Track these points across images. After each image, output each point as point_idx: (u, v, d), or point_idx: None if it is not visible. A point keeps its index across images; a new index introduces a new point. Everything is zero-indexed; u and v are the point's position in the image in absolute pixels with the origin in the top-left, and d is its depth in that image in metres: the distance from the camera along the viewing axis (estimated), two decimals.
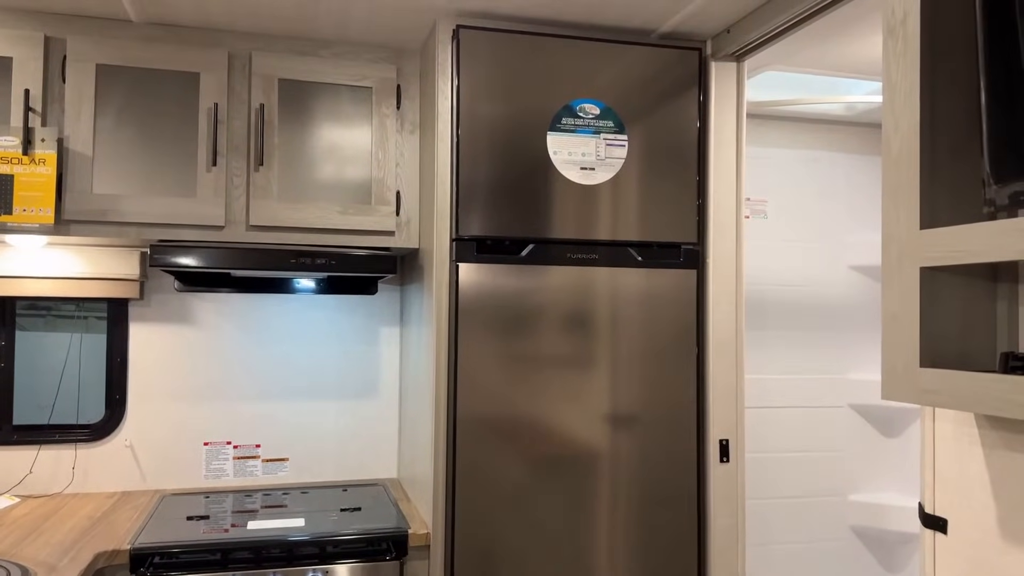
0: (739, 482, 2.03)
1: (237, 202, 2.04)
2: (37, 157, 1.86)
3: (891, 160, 1.17)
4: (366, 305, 2.49)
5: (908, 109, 1.15)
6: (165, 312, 2.33)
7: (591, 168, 1.95)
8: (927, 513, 1.30)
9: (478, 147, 1.90)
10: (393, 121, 2.15)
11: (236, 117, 2.05)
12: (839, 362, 2.88)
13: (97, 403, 2.30)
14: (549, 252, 1.94)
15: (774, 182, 2.83)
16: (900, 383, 1.16)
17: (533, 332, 1.93)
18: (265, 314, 2.41)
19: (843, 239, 2.89)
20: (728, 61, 2.07)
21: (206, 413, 2.35)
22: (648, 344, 1.99)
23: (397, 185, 2.15)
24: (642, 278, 1.99)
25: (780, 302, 2.82)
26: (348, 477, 2.46)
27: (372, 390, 2.49)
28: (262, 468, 2.39)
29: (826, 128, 2.89)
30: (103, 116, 1.96)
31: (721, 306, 2.04)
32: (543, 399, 1.93)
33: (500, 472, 1.90)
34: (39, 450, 2.22)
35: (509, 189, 1.91)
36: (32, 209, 1.85)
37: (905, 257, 1.14)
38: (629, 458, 1.98)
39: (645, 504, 1.98)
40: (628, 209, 1.98)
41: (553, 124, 1.93)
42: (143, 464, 2.30)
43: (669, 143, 2.01)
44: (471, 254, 1.90)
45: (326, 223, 2.09)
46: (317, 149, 2.11)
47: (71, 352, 2.30)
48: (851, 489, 2.88)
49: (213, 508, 2.08)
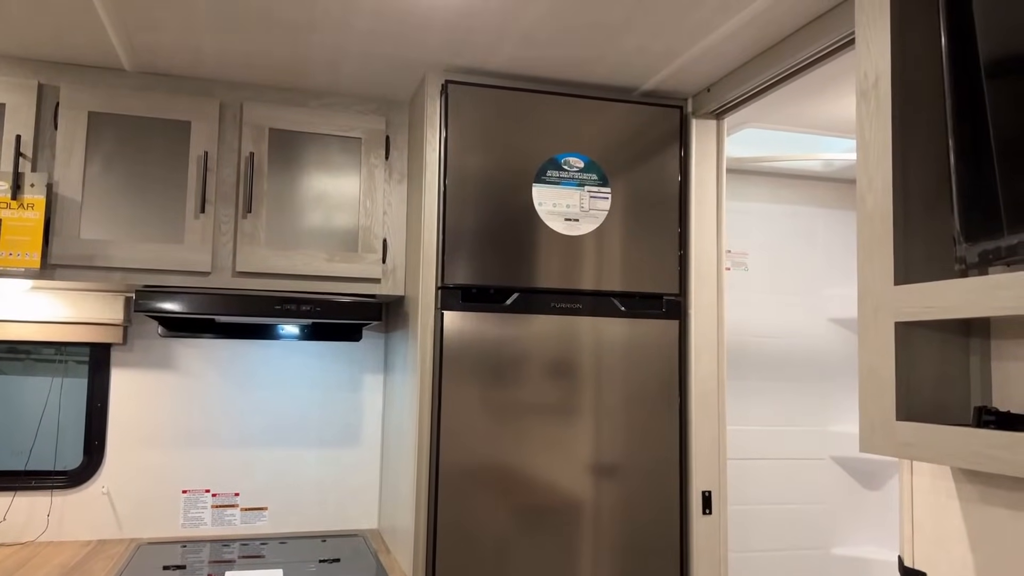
0: (722, 534, 2.03)
1: (224, 248, 2.05)
2: (26, 202, 1.87)
3: (866, 216, 1.21)
4: (350, 352, 2.49)
5: (881, 167, 1.19)
6: (148, 358, 2.32)
7: (575, 219, 1.98)
8: (906, 567, 1.31)
9: (465, 197, 1.93)
10: (381, 171, 2.19)
11: (226, 165, 2.07)
12: (820, 414, 2.90)
13: (75, 449, 2.27)
14: (534, 301, 1.96)
15: (755, 235, 2.88)
16: (877, 436, 1.17)
17: (517, 380, 1.93)
18: (248, 360, 2.40)
19: (822, 292, 2.94)
20: (708, 119, 2.13)
21: (186, 460, 2.32)
22: (631, 393, 2.00)
23: (384, 233, 2.18)
24: (625, 328, 2.01)
25: (761, 354, 2.84)
26: (328, 527, 2.43)
27: (354, 438, 2.47)
28: (240, 517, 2.35)
29: (805, 183, 2.96)
30: (93, 162, 1.98)
31: (703, 357, 2.06)
32: (526, 448, 1.93)
33: (482, 523, 1.89)
34: (14, 497, 2.18)
35: (495, 238, 1.94)
36: (18, 253, 1.85)
37: (880, 311, 1.17)
38: (612, 509, 1.97)
39: (628, 555, 1.97)
40: (611, 260, 2.01)
41: (538, 176, 1.97)
42: (120, 512, 2.26)
43: (651, 196, 2.05)
44: (456, 302, 1.91)
45: (313, 270, 2.10)
46: (306, 197, 2.13)
47: (51, 397, 2.27)
48: (833, 542, 2.87)
49: (190, 558, 2.04)
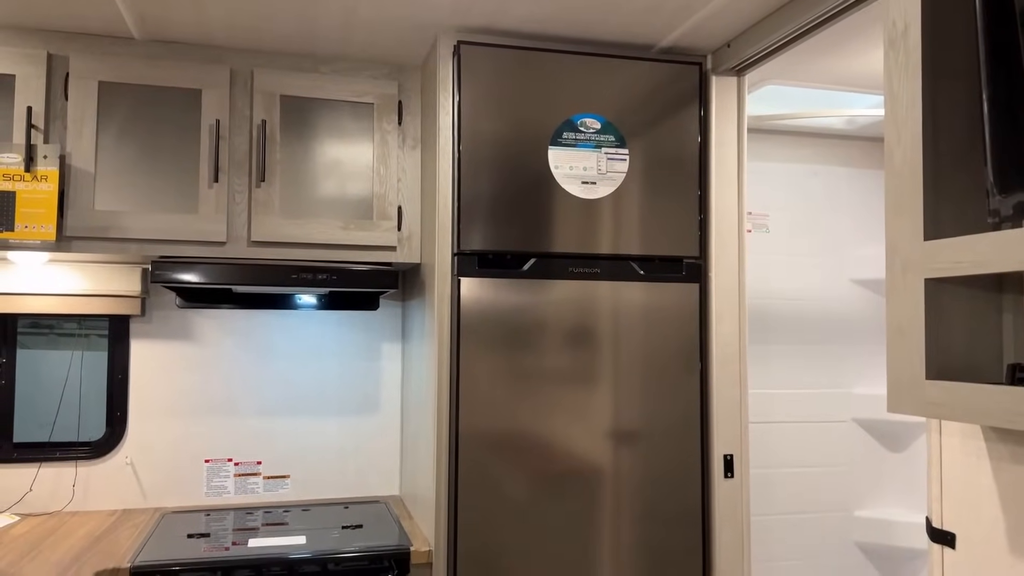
0: (743, 497, 2.02)
1: (239, 218, 2.04)
2: (39, 174, 1.86)
3: (894, 172, 1.17)
4: (368, 321, 2.48)
5: (910, 120, 1.15)
6: (166, 329, 2.33)
7: (592, 182, 1.95)
8: (935, 528, 1.29)
9: (479, 162, 1.90)
10: (395, 137, 2.16)
11: (238, 133, 2.05)
12: (843, 376, 2.87)
13: (98, 420, 2.29)
14: (551, 266, 1.93)
15: (776, 196, 2.83)
16: (906, 396, 1.15)
17: (535, 347, 1.92)
18: (267, 330, 2.40)
19: (845, 253, 2.89)
20: (728, 75, 2.07)
21: (207, 430, 2.34)
22: (651, 358, 1.98)
23: (399, 200, 2.15)
24: (644, 292, 1.98)
25: (783, 316, 2.81)
26: (349, 494, 2.44)
27: (374, 406, 2.47)
28: (263, 485, 2.37)
29: (827, 142, 2.89)
30: (105, 133, 1.97)
31: (724, 320, 2.03)
32: (545, 414, 1.92)
33: (502, 489, 1.88)
34: (39, 468, 2.21)
35: (510, 203, 1.91)
36: (34, 226, 1.85)
37: (909, 269, 1.13)
38: (632, 474, 1.96)
39: (649, 520, 1.96)
40: (630, 223, 1.97)
41: (554, 139, 1.93)
42: (144, 482, 2.28)
43: (670, 157, 2.01)
44: (473, 268, 1.89)
45: (328, 239, 2.08)
46: (319, 165, 2.11)
47: (72, 370, 2.29)
48: (856, 505, 2.86)
49: (214, 526, 2.06)
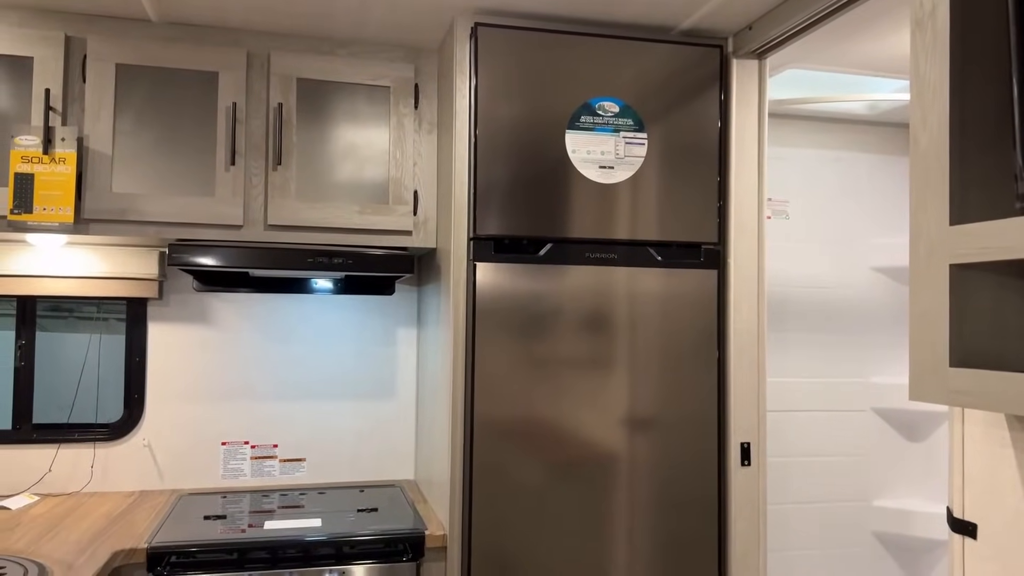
0: (760, 486, 2.00)
1: (255, 201, 2.04)
2: (57, 156, 1.87)
3: (919, 155, 1.15)
4: (383, 306, 2.48)
5: (937, 103, 1.12)
6: (184, 312, 2.34)
7: (610, 167, 1.93)
8: (956, 518, 1.27)
9: (496, 145, 1.89)
10: (411, 120, 2.14)
11: (254, 116, 2.05)
12: (862, 365, 2.84)
13: (116, 403, 2.31)
14: (567, 252, 1.92)
15: (796, 182, 2.80)
16: (929, 383, 1.13)
17: (551, 333, 1.91)
18: (283, 314, 2.41)
19: (866, 241, 2.85)
20: (750, 59, 2.04)
21: (224, 413, 2.35)
22: (668, 345, 1.97)
23: (415, 184, 2.14)
24: (662, 278, 1.96)
25: (801, 304, 2.78)
26: (365, 478, 2.45)
27: (389, 391, 2.48)
28: (279, 468, 2.38)
29: (849, 128, 2.85)
30: (122, 115, 1.97)
31: (742, 307, 2.01)
32: (561, 401, 1.91)
33: (518, 475, 1.88)
34: (58, 449, 2.23)
35: (527, 188, 1.90)
36: (52, 208, 1.85)
37: (934, 254, 1.11)
38: (648, 462, 1.95)
39: (664, 508, 1.95)
40: (648, 208, 1.95)
41: (572, 122, 1.91)
42: (161, 464, 2.30)
43: (689, 141, 1.98)
44: (489, 253, 1.88)
45: (344, 223, 2.08)
46: (335, 148, 2.10)
47: (90, 352, 2.31)
48: (874, 494, 2.83)
49: (230, 508, 2.07)
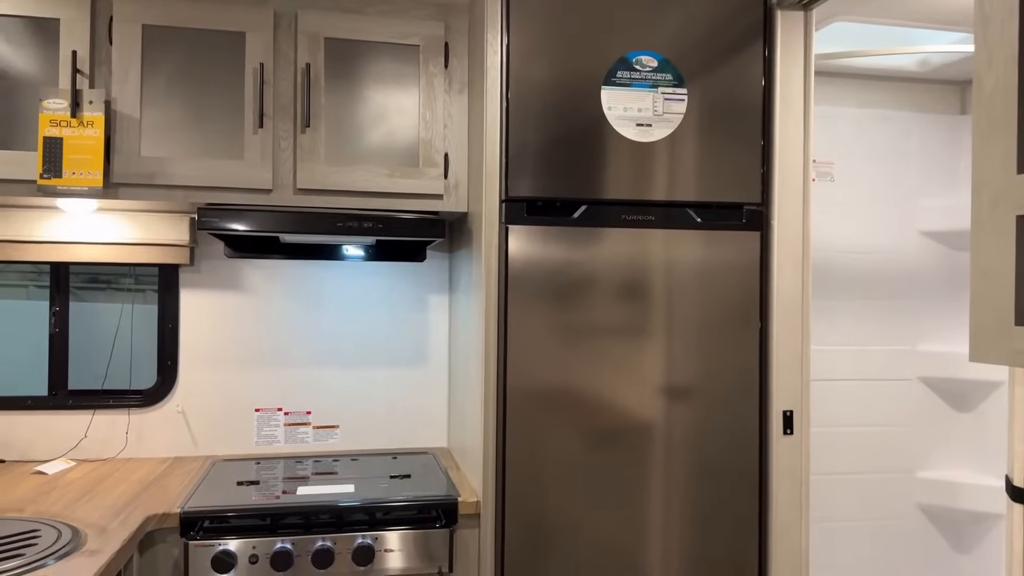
0: (803, 455, 1.94)
1: (284, 165, 2.00)
2: (85, 119, 1.85)
3: (984, 98, 1.06)
4: (415, 272, 2.45)
5: (1004, 40, 1.03)
6: (215, 279, 2.32)
7: (648, 124, 1.85)
8: (1015, 486, 1.20)
9: (529, 104, 1.82)
10: (441, 80, 2.09)
11: (282, 77, 2.01)
12: (908, 333, 2.74)
13: (149, 370, 2.31)
14: (602, 214, 1.86)
15: (841, 143, 2.69)
16: (991, 344, 1.05)
17: (585, 298, 1.85)
18: (315, 281, 2.39)
19: (915, 203, 2.74)
20: (795, 10, 1.94)
21: (257, 379, 2.34)
22: (707, 311, 1.90)
23: (445, 147, 2.09)
24: (701, 241, 1.89)
25: (846, 270, 2.69)
26: (397, 445, 2.44)
27: (421, 359, 2.45)
28: (313, 435, 2.37)
29: (898, 85, 2.73)
30: (150, 77, 1.94)
31: (786, 271, 1.93)
32: (596, 367, 1.86)
33: (551, 443, 1.84)
34: (93, 415, 2.24)
35: (561, 148, 1.83)
36: (81, 172, 1.84)
37: (999, 204, 1.03)
38: (686, 431, 1.90)
39: (703, 478, 1.90)
40: (687, 168, 1.88)
41: (608, 78, 1.84)
42: (195, 430, 2.30)
43: (731, 97, 1.90)
44: (521, 216, 1.83)
45: (373, 186, 2.04)
46: (364, 110, 2.05)
47: (123, 320, 2.31)
48: (919, 466, 2.75)
49: (264, 474, 2.07)
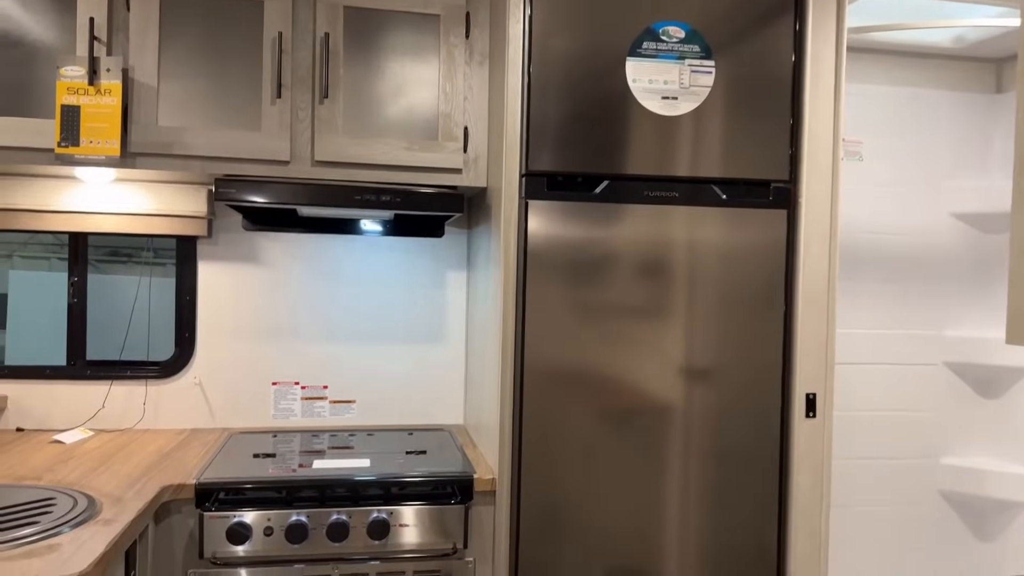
0: (825, 438, 1.90)
1: (302, 136, 1.98)
2: (103, 87, 1.83)
3: None
4: (432, 248, 2.42)
5: None
6: (233, 251, 2.31)
7: (673, 97, 1.81)
8: None
9: (551, 75, 1.78)
10: (461, 52, 2.05)
11: (301, 47, 1.98)
12: (935, 317, 2.69)
13: (167, 342, 2.31)
14: (625, 189, 1.82)
15: (870, 122, 2.62)
16: None
17: (606, 276, 1.82)
18: (332, 256, 2.37)
19: (945, 184, 2.67)
20: None
21: (274, 353, 2.34)
22: (730, 290, 1.86)
23: (465, 120, 2.06)
24: (725, 219, 1.85)
25: (872, 252, 2.63)
26: (413, 421, 2.43)
27: (438, 335, 2.43)
28: (329, 409, 2.37)
29: (930, 63, 2.65)
30: (168, 45, 1.91)
31: (813, 250, 1.89)
32: (615, 348, 1.82)
33: (569, 422, 1.82)
34: (111, 385, 2.24)
35: (583, 121, 1.79)
36: (98, 141, 1.82)
37: None
38: (706, 413, 1.86)
39: (722, 460, 1.87)
40: (713, 143, 1.83)
41: (633, 49, 1.79)
42: (212, 402, 2.30)
43: (760, 71, 1.84)
44: (541, 191, 1.79)
45: (392, 159, 2.01)
46: (383, 81, 2.02)
47: (141, 292, 2.30)
48: (942, 452, 2.71)
49: (280, 447, 2.06)
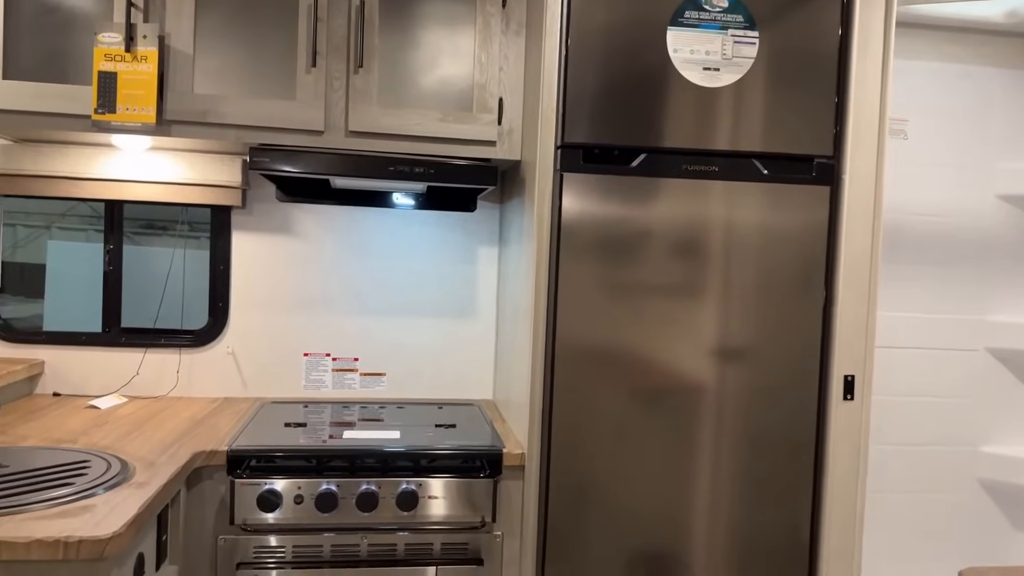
0: (863, 421, 1.86)
1: (336, 106, 1.96)
2: (139, 54, 1.83)
3: None
4: (465, 223, 2.40)
5: None
6: (267, 222, 2.31)
7: (715, 68, 1.76)
8: None
9: (590, 45, 1.74)
10: (498, 21, 2.01)
11: (336, 15, 1.95)
12: (978, 302, 2.61)
13: (201, 311, 2.33)
14: (662, 163, 1.78)
15: (916, 99, 2.54)
16: None
17: (641, 253, 1.79)
18: (364, 228, 2.36)
19: (993, 165, 2.58)
20: None
21: (306, 324, 2.34)
22: (769, 269, 1.82)
23: (500, 92, 2.03)
24: (766, 195, 1.81)
25: (916, 233, 2.56)
26: (443, 395, 2.42)
27: (469, 310, 2.42)
28: (360, 382, 2.37)
29: (980, 39, 2.56)
30: (204, 13, 1.90)
31: (855, 229, 1.84)
32: (649, 327, 1.79)
33: (599, 400, 1.79)
34: (145, 353, 2.27)
35: (622, 92, 1.75)
36: (134, 108, 1.82)
37: None
38: (739, 394, 1.83)
39: (756, 442, 1.84)
40: (754, 116, 1.78)
41: (674, 18, 1.75)
42: (244, 371, 2.32)
43: (806, 43, 1.79)
44: (577, 164, 1.76)
45: (426, 131, 1.99)
46: (417, 51, 1.99)
47: (175, 263, 2.32)
48: (982, 440, 2.64)
49: (311, 417, 2.07)
